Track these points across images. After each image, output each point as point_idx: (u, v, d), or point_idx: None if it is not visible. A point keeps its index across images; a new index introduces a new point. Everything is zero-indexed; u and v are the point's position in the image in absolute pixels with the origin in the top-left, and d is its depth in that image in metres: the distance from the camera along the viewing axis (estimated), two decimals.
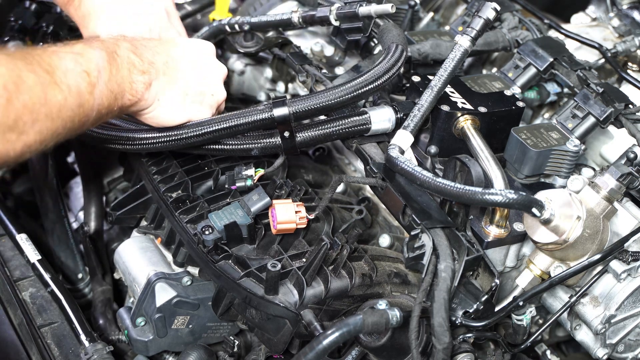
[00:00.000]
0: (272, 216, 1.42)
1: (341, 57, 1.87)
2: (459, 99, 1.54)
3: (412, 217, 1.37)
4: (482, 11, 1.47)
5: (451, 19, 2.11)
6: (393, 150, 1.41)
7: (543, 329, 1.48)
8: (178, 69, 1.40)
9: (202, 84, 1.44)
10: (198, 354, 1.51)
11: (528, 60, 1.69)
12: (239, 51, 1.79)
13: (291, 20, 1.70)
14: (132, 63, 1.31)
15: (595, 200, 1.43)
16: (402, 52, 1.51)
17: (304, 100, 1.43)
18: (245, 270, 1.37)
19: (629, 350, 1.59)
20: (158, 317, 1.48)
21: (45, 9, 1.89)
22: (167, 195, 1.53)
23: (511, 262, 1.48)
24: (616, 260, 1.44)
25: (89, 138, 1.47)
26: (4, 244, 1.69)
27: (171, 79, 1.38)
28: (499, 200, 1.24)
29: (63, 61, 1.16)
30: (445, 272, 1.28)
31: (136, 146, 1.44)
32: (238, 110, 1.44)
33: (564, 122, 1.57)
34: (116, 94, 1.27)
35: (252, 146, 1.47)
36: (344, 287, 1.39)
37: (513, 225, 1.43)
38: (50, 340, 1.50)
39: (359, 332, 1.21)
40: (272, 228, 1.43)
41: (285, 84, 1.89)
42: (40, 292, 1.59)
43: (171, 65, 1.39)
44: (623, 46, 1.86)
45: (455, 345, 1.33)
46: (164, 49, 1.40)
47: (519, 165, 1.51)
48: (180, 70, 1.40)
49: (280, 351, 1.40)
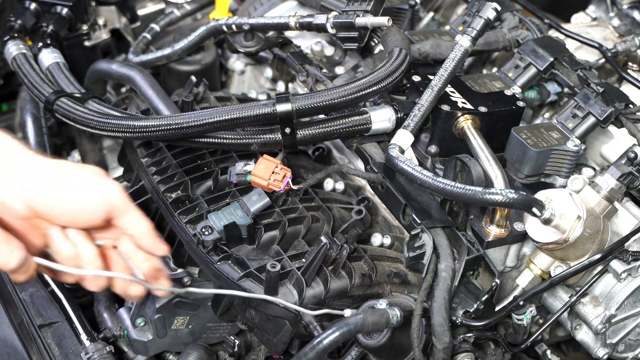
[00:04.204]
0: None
1: (341, 56, 1.87)
2: (459, 99, 1.54)
3: (413, 216, 1.37)
4: (482, 11, 1.47)
5: (451, 18, 2.11)
6: (393, 149, 1.41)
7: (543, 329, 1.48)
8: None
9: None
10: (198, 354, 1.51)
11: (528, 60, 1.69)
12: (239, 51, 1.79)
13: (288, 24, 1.70)
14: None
15: (596, 200, 1.43)
16: (406, 56, 1.52)
17: (308, 98, 1.43)
18: (245, 270, 1.37)
19: (629, 350, 1.59)
20: (158, 318, 1.48)
21: (45, 9, 1.89)
22: (166, 195, 1.53)
23: (511, 262, 1.48)
24: (616, 260, 1.44)
25: (88, 127, 1.48)
26: None
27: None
28: (500, 199, 1.24)
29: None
30: (445, 271, 1.28)
31: (135, 134, 1.45)
32: (240, 104, 1.45)
33: (564, 121, 1.57)
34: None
35: (252, 141, 1.47)
36: (344, 287, 1.39)
37: (513, 224, 1.43)
38: (51, 340, 1.50)
39: (359, 331, 1.21)
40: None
41: (286, 84, 1.89)
42: (41, 292, 1.59)
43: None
44: (623, 46, 1.85)
45: (455, 344, 1.33)
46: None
47: (519, 165, 1.51)
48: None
49: (280, 351, 1.40)
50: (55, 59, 1.75)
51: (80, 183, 1.16)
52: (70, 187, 1.16)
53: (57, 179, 1.15)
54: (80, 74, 1.81)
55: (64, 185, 1.15)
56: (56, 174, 1.16)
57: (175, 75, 1.88)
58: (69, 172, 1.17)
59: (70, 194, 1.16)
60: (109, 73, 1.80)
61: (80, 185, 1.16)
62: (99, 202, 1.17)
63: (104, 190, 1.17)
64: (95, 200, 1.17)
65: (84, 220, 1.18)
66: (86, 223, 1.18)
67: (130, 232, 1.21)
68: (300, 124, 1.48)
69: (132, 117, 1.49)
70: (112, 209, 1.18)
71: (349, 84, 1.45)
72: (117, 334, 1.56)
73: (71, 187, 1.16)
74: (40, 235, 1.18)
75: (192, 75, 1.76)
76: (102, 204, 1.17)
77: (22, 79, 1.71)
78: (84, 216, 1.17)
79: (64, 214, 1.16)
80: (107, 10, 2.03)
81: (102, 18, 2.01)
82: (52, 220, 1.16)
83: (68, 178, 1.16)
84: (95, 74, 1.83)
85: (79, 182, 1.17)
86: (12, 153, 1.15)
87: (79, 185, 1.16)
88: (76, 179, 1.17)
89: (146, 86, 1.69)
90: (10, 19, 1.84)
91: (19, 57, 1.73)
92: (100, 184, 1.18)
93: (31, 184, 1.13)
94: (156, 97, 1.66)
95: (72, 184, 1.16)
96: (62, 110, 1.55)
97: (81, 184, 1.16)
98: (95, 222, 1.19)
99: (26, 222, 1.15)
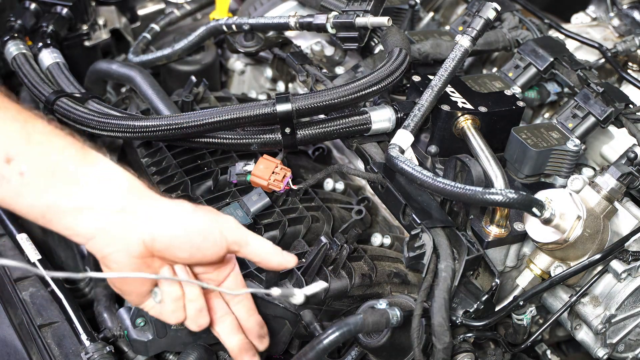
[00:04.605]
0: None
1: (341, 56, 1.87)
2: (459, 99, 1.54)
3: (413, 216, 1.37)
4: (482, 11, 1.47)
5: (451, 18, 2.11)
6: (393, 149, 1.41)
7: (543, 329, 1.48)
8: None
9: None
10: (198, 354, 1.51)
11: (528, 60, 1.69)
12: (239, 51, 1.79)
13: (288, 24, 1.70)
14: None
15: (596, 200, 1.43)
16: (406, 56, 1.52)
17: (308, 98, 1.43)
18: (245, 270, 1.37)
19: (629, 350, 1.59)
20: None
21: (45, 9, 1.89)
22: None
23: (511, 262, 1.48)
24: (616, 260, 1.44)
25: (88, 127, 1.48)
26: (4, 243, 1.69)
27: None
28: (500, 199, 1.24)
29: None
30: (445, 271, 1.28)
31: (135, 134, 1.46)
32: (240, 104, 1.45)
33: (564, 121, 1.57)
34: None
35: (252, 141, 1.47)
36: (344, 287, 1.39)
37: (513, 224, 1.43)
38: (51, 340, 1.50)
39: (359, 331, 1.21)
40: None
41: (286, 84, 1.89)
42: (41, 292, 1.59)
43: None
44: (623, 46, 1.85)
45: (455, 344, 1.33)
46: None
47: (519, 165, 1.51)
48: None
49: (280, 351, 1.40)
50: (55, 59, 1.75)
51: (198, 220, 1.15)
52: (189, 224, 1.14)
53: (174, 215, 1.14)
54: (80, 74, 1.81)
55: (182, 221, 1.14)
56: (173, 209, 1.15)
57: (175, 75, 1.88)
58: (189, 212, 1.15)
59: (189, 230, 1.14)
60: (109, 73, 1.81)
61: (198, 222, 1.15)
62: (216, 239, 1.16)
63: (223, 227, 1.16)
64: (212, 237, 1.15)
65: (201, 256, 1.16)
66: (203, 259, 1.17)
67: (256, 260, 1.21)
68: (300, 124, 1.48)
69: (132, 117, 1.49)
70: (232, 245, 1.17)
71: (349, 84, 1.45)
72: (117, 334, 1.56)
73: (190, 223, 1.14)
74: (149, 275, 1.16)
75: (192, 75, 1.77)
76: (223, 241, 1.16)
77: (22, 79, 1.71)
78: (201, 252, 1.16)
79: (182, 250, 1.14)
80: (107, 10, 2.03)
81: (102, 18, 2.01)
82: (169, 258, 1.16)
83: (185, 215, 1.15)
84: (95, 74, 1.83)
85: (197, 219, 1.15)
86: (135, 192, 1.13)
87: (198, 222, 1.15)
88: (194, 216, 1.15)
89: (146, 86, 1.69)
90: (10, 19, 1.84)
91: (19, 57, 1.73)
92: (219, 221, 1.17)
93: (152, 223, 1.12)
94: (156, 97, 1.66)
95: (189, 221, 1.15)
96: (62, 110, 1.55)
97: (199, 221, 1.15)
98: (214, 260, 1.18)
99: (140, 261, 1.13)
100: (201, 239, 1.14)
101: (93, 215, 1.09)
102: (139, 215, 1.11)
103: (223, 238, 1.16)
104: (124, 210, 1.10)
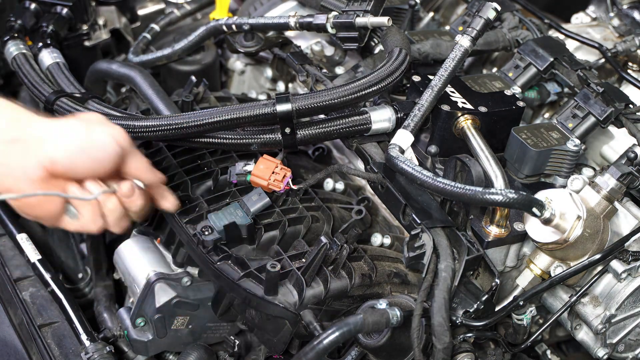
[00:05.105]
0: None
1: (341, 56, 1.87)
2: (459, 99, 1.54)
3: (413, 216, 1.37)
4: (482, 11, 1.47)
5: (451, 18, 2.11)
6: (393, 149, 1.41)
7: (543, 329, 1.48)
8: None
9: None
10: (198, 354, 1.52)
11: (528, 60, 1.69)
12: (239, 51, 1.79)
13: (288, 24, 1.70)
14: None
15: (596, 200, 1.43)
16: (406, 56, 1.52)
17: (308, 98, 1.43)
18: (245, 270, 1.37)
19: (629, 350, 1.59)
20: (158, 318, 1.48)
21: (45, 9, 1.89)
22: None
23: (511, 262, 1.48)
24: (616, 260, 1.44)
25: None
26: (4, 243, 1.69)
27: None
28: (500, 199, 1.24)
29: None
30: (445, 271, 1.28)
31: (135, 134, 1.45)
32: (240, 104, 1.45)
33: (564, 121, 1.57)
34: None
35: (252, 141, 1.47)
36: (344, 287, 1.39)
37: (513, 224, 1.43)
38: (51, 340, 1.50)
39: (359, 331, 1.21)
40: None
41: (286, 84, 1.89)
42: (41, 292, 1.59)
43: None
44: (623, 46, 1.85)
45: (455, 344, 1.33)
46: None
47: (519, 165, 1.51)
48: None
49: (280, 351, 1.40)
50: (55, 59, 1.75)
51: (92, 134, 1.18)
52: (85, 140, 1.17)
53: (68, 135, 1.16)
54: (80, 74, 1.81)
55: (78, 139, 1.17)
56: (65, 130, 1.17)
57: (175, 75, 1.88)
58: (82, 128, 1.18)
59: (86, 146, 1.17)
60: (109, 73, 1.81)
61: (93, 137, 1.18)
62: (114, 149, 1.19)
63: (115, 137, 1.20)
64: (109, 148, 1.19)
65: (101, 169, 1.20)
66: (103, 171, 1.20)
67: (135, 172, 1.26)
68: (300, 124, 1.48)
69: (132, 117, 1.49)
70: (123, 153, 1.21)
71: (349, 84, 1.45)
72: (117, 334, 1.56)
73: (85, 139, 1.17)
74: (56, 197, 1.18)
75: (192, 75, 1.76)
76: (116, 151, 1.19)
77: (22, 79, 1.71)
78: (101, 165, 1.19)
79: (83, 167, 1.17)
80: (107, 10, 2.03)
81: (102, 18, 2.01)
82: (71, 176, 1.18)
83: (79, 132, 1.17)
84: (95, 74, 1.83)
85: (91, 133, 1.18)
86: (23, 119, 1.16)
87: (93, 137, 1.18)
88: (87, 131, 1.18)
89: (146, 86, 1.69)
90: (10, 19, 1.84)
91: (19, 57, 1.74)
92: (110, 131, 1.20)
93: (48, 146, 1.14)
94: (156, 97, 1.66)
95: (84, 137, 1.17)
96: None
97: (93, 135, 1.18)
98: (111, 168, 1.21)
99: (44, 185, 1.15)
100: (97, 150, 1.18)
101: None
102: (32, 141, 1.13)
103: (118, 147, 1.20)
104: (16, 140, 1.13)
